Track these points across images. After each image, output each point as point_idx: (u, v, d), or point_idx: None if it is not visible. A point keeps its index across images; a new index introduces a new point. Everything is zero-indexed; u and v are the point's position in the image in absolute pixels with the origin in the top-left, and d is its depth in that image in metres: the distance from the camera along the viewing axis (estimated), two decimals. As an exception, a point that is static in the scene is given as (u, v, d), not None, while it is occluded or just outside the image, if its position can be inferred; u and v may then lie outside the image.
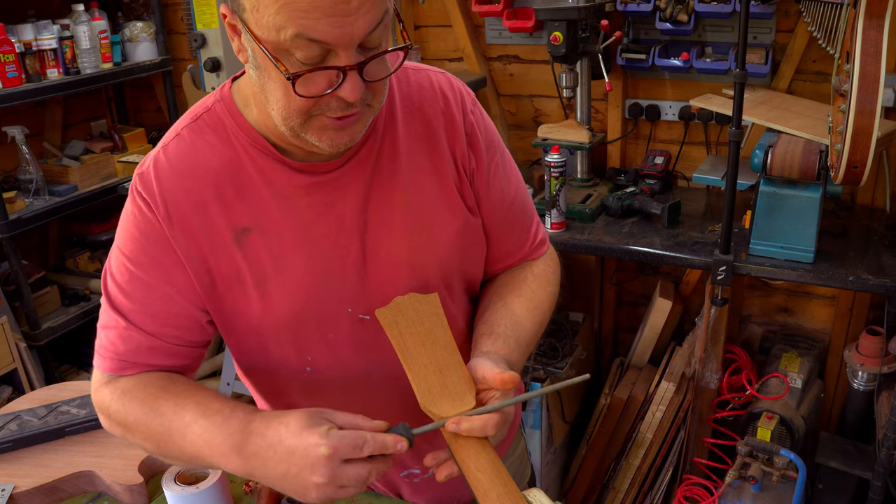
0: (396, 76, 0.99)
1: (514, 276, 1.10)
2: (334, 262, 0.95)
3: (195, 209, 0.92)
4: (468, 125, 1.01)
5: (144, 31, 2.96)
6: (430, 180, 0.98)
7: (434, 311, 0.94)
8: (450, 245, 1.00)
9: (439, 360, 0.91)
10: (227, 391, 2.81)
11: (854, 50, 1.40)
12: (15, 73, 2.49)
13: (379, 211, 0.96)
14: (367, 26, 0.75)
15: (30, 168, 2.68)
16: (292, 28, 0.74)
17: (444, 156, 0.99)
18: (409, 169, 0.97)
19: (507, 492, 0.85)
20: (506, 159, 1.07)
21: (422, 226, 0.98)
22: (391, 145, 0.96)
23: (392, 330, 0.92)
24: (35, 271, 2.81)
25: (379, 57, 0.79)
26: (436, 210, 0.99)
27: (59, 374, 2.83)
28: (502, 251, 1.10)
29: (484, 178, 1.03)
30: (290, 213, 0.93)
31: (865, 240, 1.94)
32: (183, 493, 1.06)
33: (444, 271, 1.01)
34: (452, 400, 0.88)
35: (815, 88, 2.15)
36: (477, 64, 2.52)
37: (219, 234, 0.92)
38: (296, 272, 0.94)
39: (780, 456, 1.95)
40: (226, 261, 0.93)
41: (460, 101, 1.01)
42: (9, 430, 1.24)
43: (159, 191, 0.91)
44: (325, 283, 0.95)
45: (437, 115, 0.99)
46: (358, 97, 0.79)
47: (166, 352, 0.96)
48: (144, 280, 0.93)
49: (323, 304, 0.96)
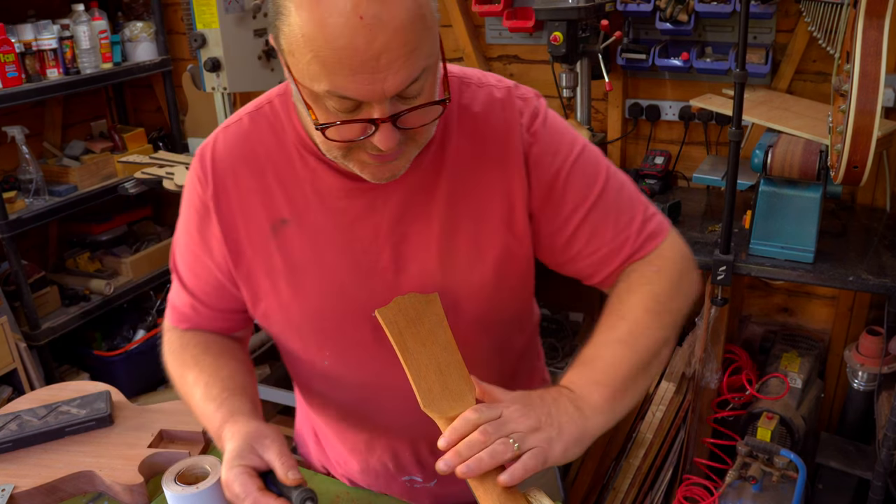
0: (459, 90, 0.96)
1: (614, 295, 0.97)
2: (363, 266, 0.96)
3: (240, 193, 0.96)
4: (526, 145, 0.95)
5: (144, 31, 2.96)
6: (474, 204, 0.95)
7: (434, 311, 0.94)
8: (485, 272, 0.96)
9: (439, 360, 0.91)
10: (227, 391, 2.81)
11: (854, 50, 1.40)
12: (15, 73, 2.49)
13: (416, 225, 0.94)
14: (400, 83, 0.75)
15: (30, 168, 2.68)
16: (324, 83, 0.75)
17: (493, 180, 0.94)
18: (453, 189, 0.94)
19: (507, 491, 0.85)
20: (584, 159, 0.97)
21: (458, 248, 0.95)
22: (439, 161, 0.94)
23: (392, 330, 0.92)
24: (35, 271, 2.81)
25: (423, 108, 0.79)
26: (475, 234, 0.95)
27: (59, 374, 2.83)
28: (595, 260, 0.98)
29: (551, 193, 0.96)
30: (329, 212, 0.94)
31: (865, 240, 1.94)
32: (183, 493, 1.06)
33: (476, 298, 0.97)
34: (452, 400, 0.88)
35: (815, 88, 2.15)
36: (477, 64, 2.51)
37: (257, 220, 0.96)
38: (325, 270, 0.96)
39: (780, 456, 1.95)
40: (260, 247, 0.97)
41: (518, 121, 0.95)
42: (9, 430, 1.24)
43: (212, 169, 0.97)
44: (351, 285, 0.96)
45: (491, 136, 0.94)
46: (391, 146, 0.79)
47: (207, 316, 1.06)
48: (191, 248, 1.01)
49: (347, 305, 0.97)
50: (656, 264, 0.97)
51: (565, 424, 0.83)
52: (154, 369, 3.11)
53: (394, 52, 0.72)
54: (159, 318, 3.14)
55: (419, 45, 0.74)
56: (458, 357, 0.92)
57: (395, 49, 0.72)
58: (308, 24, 0.72)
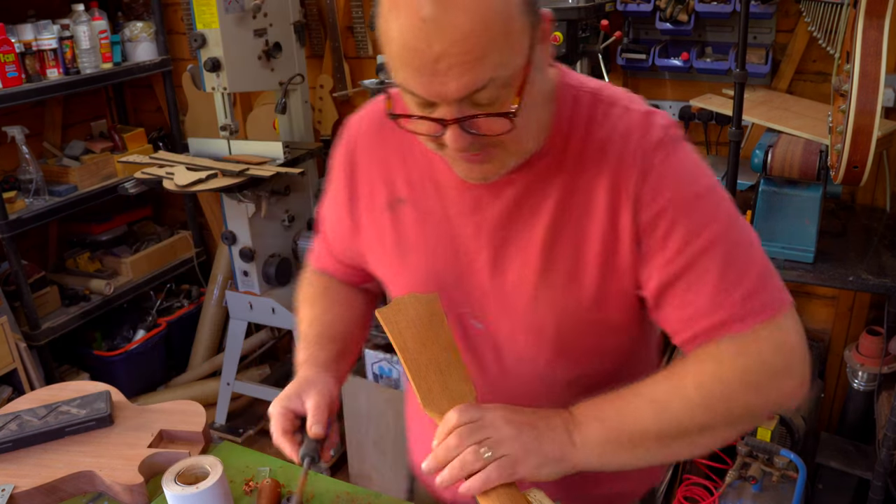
0: (590, 104, 0.90)
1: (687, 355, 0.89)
2: (462, 262, 0.96)
3: (369, 166, 1.02)
4: (643, 174, 0.86)
5: (144, 31, 2.96)
6: (580, 224, 0.90)
7: (434, 311, 0.95)
8: (580, 296, 0.91)
9: (439, 360, 0.91)
10: (227, 391, 2.81)
11: (854, 50, 1.40)
12: (15, 73, 2.49)
13: (519, 232, 0.92)
14: (461, 89, 0.74)
15: (30, 168, 2.68)
16: (399, 76, 0.78)
17: (602, 204, 0.88)
18: (563, 204, 0.90)
19: (507, 491, 0.85)
20: (703, 203, 0.87)
21: (557, 265, 0.91)
22: (553, 172, 0.90)
23: (392, 330, 0.92)
24: (35, 271, 2.81)
25: (488, 117, 0.77)
26: (575, 255, 0.90)
27: (59, 374, 2.83)
28: (683, 316, 0.88)
29: (654, 232, 0.87)
30: (442, 200, 0.96)
31: (865, 240, 1.94)
32: (183, 493, 1.06)
33: (562, 326, 0.93)
34: (452, 400, 0.88)
35: (815, 88, 2.15)
36: (477, 64, 2.51)
37: (379, 194, 1.01)
38: (429, 256, 0.98)
39: (780, 456, 1.95)
40: (376, 219, 1.02)
41: (642, 148, 0.87)
42: (9, 430, 1.24)
43: (354, 137, 1.04)
44: (448, 277, 0.97)
45: (610, 157, 0.88)
46: (461, 147, 0.79)
47: (334, 265, 1.15)
48: (330, 202, 1.10)
49: (444, 293, 0.98)
50: (744, 347, 0.84)
51: (547, 441, 0.83)
52: (154, 369, 3.12)
53: (454, 58, 0.72)
54: (159, 318, 3.14)
55: (484, 55, 0.73)
56: (458, 357, 0.92)
57: (455, 55, 0.72)
58: (387, 19, 0.76)
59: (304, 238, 2.67)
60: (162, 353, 3.14)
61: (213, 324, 3.22)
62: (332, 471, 2.67)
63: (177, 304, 3.26)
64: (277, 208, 2.60)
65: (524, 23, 0.75)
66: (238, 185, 2.30)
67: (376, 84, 2.26)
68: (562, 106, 0.89)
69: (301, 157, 2.51)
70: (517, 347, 0.97)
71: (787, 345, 0.85)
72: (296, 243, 2.68)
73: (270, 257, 2.59)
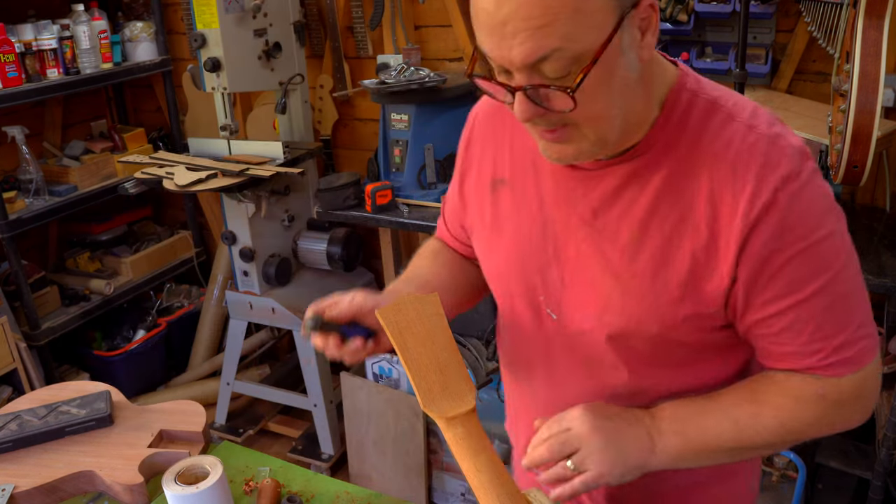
0: (705, 111, 0.85)
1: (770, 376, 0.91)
2: (548, 248, 0.95)
3: (483, 143, 1.04)
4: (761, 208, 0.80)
5: (144, 31, 2.96)
6: (670, 240, 0.85)
7: (434, 311, 0.95)
8: (648, 314, 0.88)
9: (439, 360, 0.91)
10: (227, 391, 2.81)
11: (854, 50, 1.40)
12: (15, 73, 2.49)
13: (607, 231, 0.89)
14: (525, 55, 0.74)
15: (30, 168, 2.68)
16: (477, 38, 0.78)
17: (701, 227, 0.83)
18: (655, 213, 0.86)
19: (507, 492, 0.85)
20: (820, 249, 0.82)
21: (637, 276, 0.87)
22: (651, 175, 0.86)
23: (392, 330, 0.92)
24: (35, 271, 2.81)
25: (550, 88, 0.76)
26: (654, 272, 0.87)
27: (59, 374, 2.83)
28: (774, 352, 0.89)
29: (761, 272, 0.83)
30: (539, 186, 0.96)
31: (865, 240, 1.94)
32: (183, 493, 1.06)
33: (629, 335, 0.91)
34: (452, 400, 0.89)
35: (815, 88, 2.15)
36: (477, 64, 2.51)
37: (486, 172, 1.03)
38: (518, 239, 0.98)
39: (780, 456, 1.95)
40: (479, 197, 1.04)
41: (763, 176, 0.80)
42: (9, 430, 1.24)
43: (475, 115, 1.07)
44: (531, 264, 0.97)
45: (721, 178, 0.82)
46: (525, 117, 0.79)
47: (448, 236, 1.19)
48: (453, 177, 1.12)
49: (522, 279, 0.98)
50: (827, 391, 0.87)
51: (632, 452, 0.88)
52: (154, 369, 3.12)
53: (518, 22, 0.72)
54: (159, 318, 3.14)
55: (549, 23, 0.72)
56: (459, 357, 0.92)
57: (520, 20, 0.72)
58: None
59: (304, 238, 2.67)
60: (162, 353, 3.14)
61: (213, 324, 3.22)
62: (333, 471, 2.67)
63: (177, 304, 3.26)
64: (277, 208, 2.60)
65: (606, 1, 0.73)
66: (238, 185, 2.30)
67: (377, 84, 2.26)
68: (672, 106, 0.85)
69: (301, 157, 2.51)
70: (585, 347, 0.95)
71: (867, 391, 0.89)
72: (296, 243, 2.68)
73: (270, 257, 2.59)
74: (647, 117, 0.85)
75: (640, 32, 0.77)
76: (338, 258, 2.59)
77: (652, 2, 0.77)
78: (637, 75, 0.79)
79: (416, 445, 2.35)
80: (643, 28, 0.77)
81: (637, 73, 0.79)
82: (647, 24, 0.77)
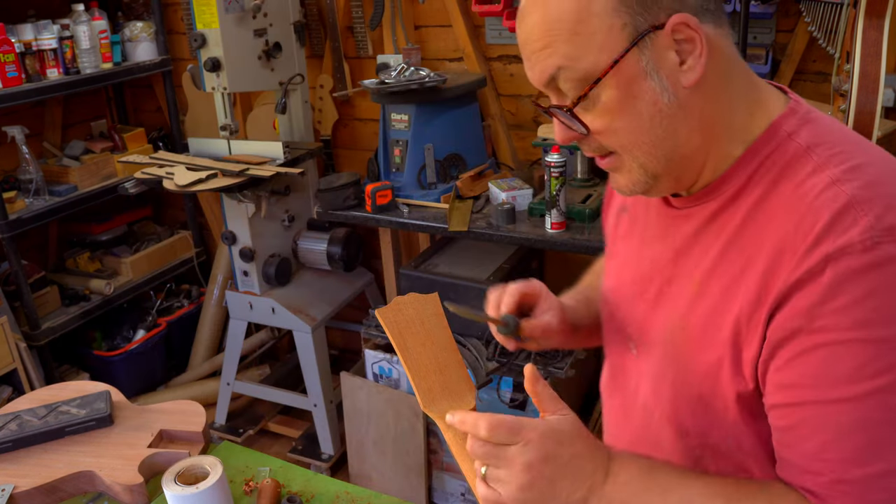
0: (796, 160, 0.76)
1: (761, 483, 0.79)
2: (638, 282, 0.93)
3: None
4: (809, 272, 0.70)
5: (144, 31, 2.96)
6: (723, 289, 0.79)
7: (434, 311, 0.95)
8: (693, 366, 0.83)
9: (439, 360, 0.91)
10: (227, 391, 2.81)
11: (854, 50, 1.40)
12: (15, 73, 2.49)
13: (682, 274, 0.86)
14: (537, 75, 0.78)
15: (30, 168, 2.68)
16: None
17: (750, 278, 0.75)
18: (721, 257, 0.80)
19: None
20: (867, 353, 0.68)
21: (690, 324, 0.83)
22: (727, 219, 0.80)
23: (392, 330, 0.92)
24: (35, 271, 2.81)
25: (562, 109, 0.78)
26: (706, 323, 0.81)
27: (59, 374, 2.83)
28: (779, 456, 0.78)
29: (780, 347, 0.73)
30: (646, 220, 0.95)
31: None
32: (183, 493, 1.06)
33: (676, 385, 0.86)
34: (452, 400, 0.89)
35: (815, 88, 2.15)
36: (477, 64, 2.52)
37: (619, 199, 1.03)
38: (622, 268, 0.99)
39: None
40: (610, 220, 1.06)
41: (815, 252, 0.69)
42: (9, 430, 1.24)
43: None
44: (625, 297, 0.96)
45: (781, 234, 0.73)
46: (559, 139, 0.82)
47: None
48: None
49: (619, 306, 0.98)
50: None
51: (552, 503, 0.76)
52: (154, 369, 3.12)
53: (530, 45, 0.77)
54: (159, 318, 3.14)
55: (550, 44, 0.75)
56: (459, 357, 0.92)
57: (532, 42, 0.77)
58: None
59: (304, 238, 2.67)
60: (162, 353, 3.14)
61: (213, 324, 3.22)
62: (333, 471, 2.67)
63: (177, 304, 3.26)
64: (277, 208, 2.60)
65: (613, 22, 0.73)
66: (238, 185, 2.30)
67: (377, 84, 2.26)
68: (760, 146, 0.78)
69: (301, 157, 2.51)
70: (646, 388, 0.92)
71: None
72: (296, 243, 2.68)
73: (270, 257, 2.59)
74: (719, 153, 0.80)
75: (679, 56, 0.74)
76: (338, 258, 2.59)
77: (688, 22, 0.73)
78: (677, 102, 0.75)
79: (416, 445, 2.35)
80: (683, 52, 0.74)
81: (676, 99, 0.75)
82: (689, 48, 0.74)
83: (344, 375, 2.45)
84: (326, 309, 2.66)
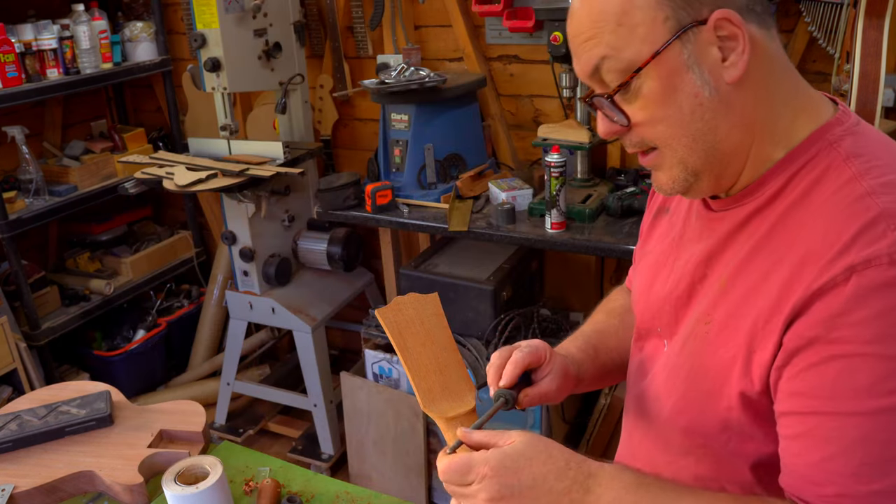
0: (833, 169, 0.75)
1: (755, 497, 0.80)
2: (670, 282, 0.94)
3: None
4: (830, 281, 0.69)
5: (144, 31, 2.96)
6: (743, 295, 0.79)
7: (434, 311, 0.95)
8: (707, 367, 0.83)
9: (439, 360, 0.91)
10: (227, 391, 2.81)
11: (854, 50, 1.40)
12: (15, 73, 2.49)
13: (711, 278, 0.85)
14: (583, 65, 0.80)
15: (30, 168, 2.68)
16: None
17: (772, 287, 0.75)
18: (744, 266, 0.80)
19: None
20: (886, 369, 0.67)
21: (710, 326, 0.83)
22: (758, 226, 0.80)
23: (392, 330, 0.92)
24: (35, 271, 2.81)
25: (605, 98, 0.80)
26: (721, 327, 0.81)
27: (59, 374, 2.83)
28: (782, 463, 0.77)
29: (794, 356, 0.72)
30: (685, 222, 0.95)
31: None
32: (183, 493, 1.06)
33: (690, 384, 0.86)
34: (452, 400, 0.89)
35: (815, 88, 2.15)
36: (477, 64, 2.51)
37: (658, 199, 1.04)
38: (652, 267, 0.99)
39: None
40: (647, 222, 1.06)
41: (838, 262, 0.69)
42: (9, 430, 1.24)
43: None
44: (658, 292, 0.96)
45: (807, 240, 0.73)
46: (602, 132, 0.83)
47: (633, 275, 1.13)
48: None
49: (650, 303, 0.99)
50: None
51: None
52: (154, 369, 3.12)
53: (578, 37, 0.80)
54: (159, 318, 3.14)
55: (596, 35, 0.77)
56: (458, 357, 0.93)
57: (579, 34, 0.79)
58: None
59: (304, 238, 2.67)
60: (162, 353, 3.14)
61: (213, 324, 3.22)
62: (333, 471, 2.67)
63: (177, 304, 3.26)
64: (277, 208, 2.60)
65: (656, 15, 0.74)
66: (238, 185, 2.30)
67: (377, 84, 2.26)
68: (801, 151, 0.78)
69: (301, 157, 2.51)
70: (661, 379, 0.93)
71: None
72: (296, 243, 2.68)
73: (270, 257, 2.59)
74: (760, 154, 0.79)
75: (722, 53, 0.75)
76: (338, 258, 2.59)
77: (731, 18, 0.73)
78: (718, 97, 0.76)
79: (416, 445, 2.35)
80: (725, 48, 0.75)
81: (717, 94, 0.75)
82: (731, 45, 0.75)
83: (344, 375, 2.45)
84: (326, 309, 2.66)
